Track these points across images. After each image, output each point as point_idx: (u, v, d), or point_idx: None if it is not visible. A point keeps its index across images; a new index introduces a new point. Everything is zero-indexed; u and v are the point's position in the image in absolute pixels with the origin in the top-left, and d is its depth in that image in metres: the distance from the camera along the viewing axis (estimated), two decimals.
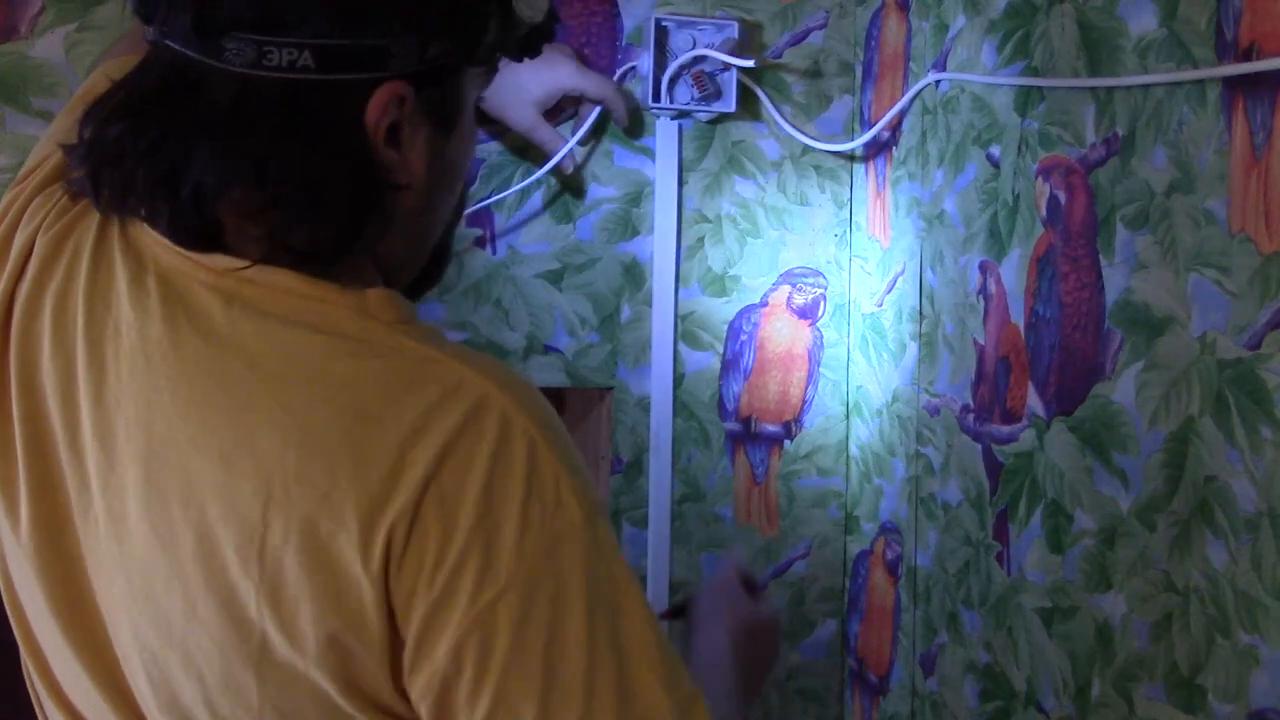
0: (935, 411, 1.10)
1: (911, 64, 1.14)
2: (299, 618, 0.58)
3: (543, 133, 1.17)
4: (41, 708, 0.72)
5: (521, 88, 1.14)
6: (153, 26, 0.61)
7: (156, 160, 0.60)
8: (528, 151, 1.21)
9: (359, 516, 0.57)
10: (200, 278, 0.62)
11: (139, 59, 0.66)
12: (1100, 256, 0.84)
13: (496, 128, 1.19)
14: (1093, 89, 0.84)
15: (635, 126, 1.23)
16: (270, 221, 0.61)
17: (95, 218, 0.66)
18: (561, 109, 1.19)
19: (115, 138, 0.62)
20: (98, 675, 0.65)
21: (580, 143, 1.20)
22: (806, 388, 1.29)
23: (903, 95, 1.14)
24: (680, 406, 1.26)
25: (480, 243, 1.20)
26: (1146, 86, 0.78)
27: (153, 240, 0.64)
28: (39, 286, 0.65)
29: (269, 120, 0.59)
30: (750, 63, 1.16)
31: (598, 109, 1.19)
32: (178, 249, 0.63)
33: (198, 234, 0.62)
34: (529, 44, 0.68)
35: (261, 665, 0.59)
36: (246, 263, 0.62)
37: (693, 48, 1.21)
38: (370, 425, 0.58)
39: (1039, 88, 0.91)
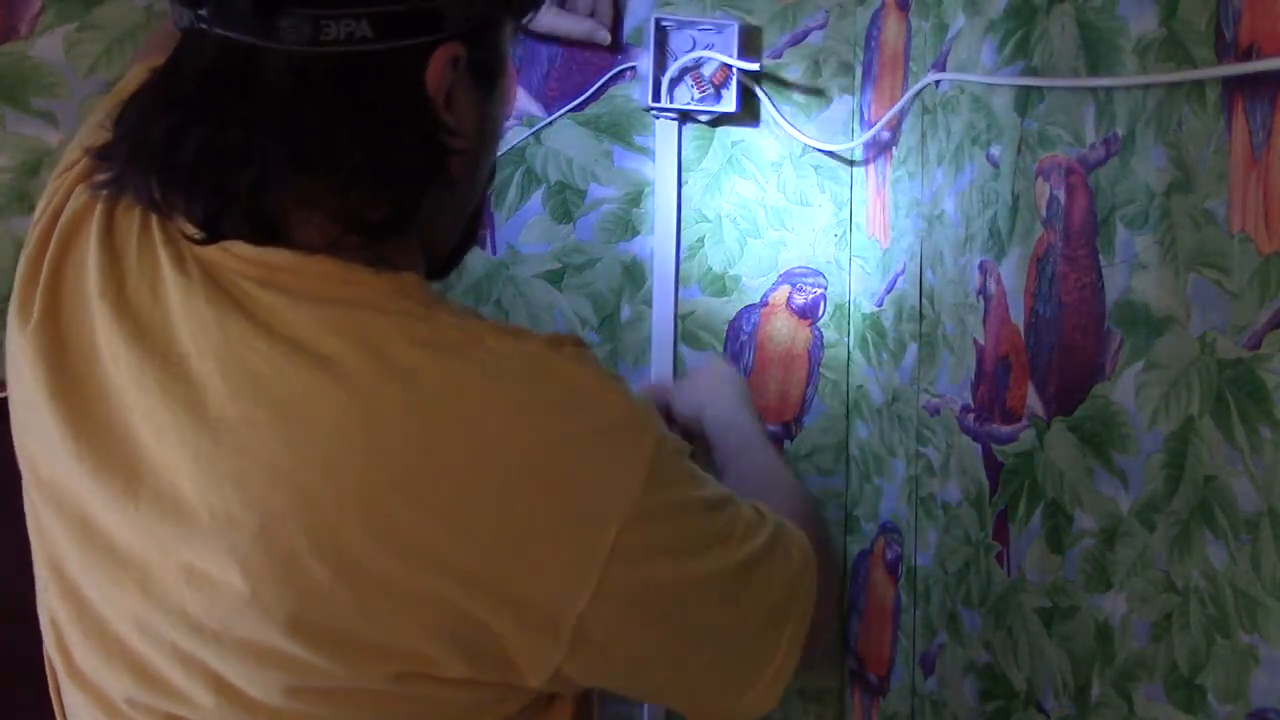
0: (935, 411, 1.10)
1: (911, 64, 1.14)
2: (386, 606, 0.58)
3: (563, 25, 1.17)
4: (61, 700, 0.72)
5: None
6: (191, 12, 0.59)
7: (213, 158, 0.59)
8: (526, 151, 1.21)
9: (443, 507, 0.57)
10: (231, 266, 0.62)
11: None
12: (1100, 256, 0.84)
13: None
14: (1093, 89, 0.84)
15: (628, 126, 1.23)
16: (337, 201, 0.60)
17: (138, 211, 0.65)
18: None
19: (162, 139, 0.60)
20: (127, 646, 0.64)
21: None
22: (806, 387, 1.30)
23: (902, 95, 1.14)
24: None
25: (480, 242, 1.20)
26: (1146, 86, 0.78)
27: (188, 228, 0.63)
28: (100, 272, 0.64)
29: (331, 97, 0.58)
30: (756, 66, 1.16)
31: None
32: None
33: (251, 228, 0.61)
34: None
35: (337, 651, 0.59)
36: (272, 251, 0.61)
37: (693, 48, 1.21)
38: (437, 404, 0.58)
39: (1039, 88, 0.91)
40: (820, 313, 1.29)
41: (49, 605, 0.68)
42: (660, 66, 1.21)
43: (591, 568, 0.58)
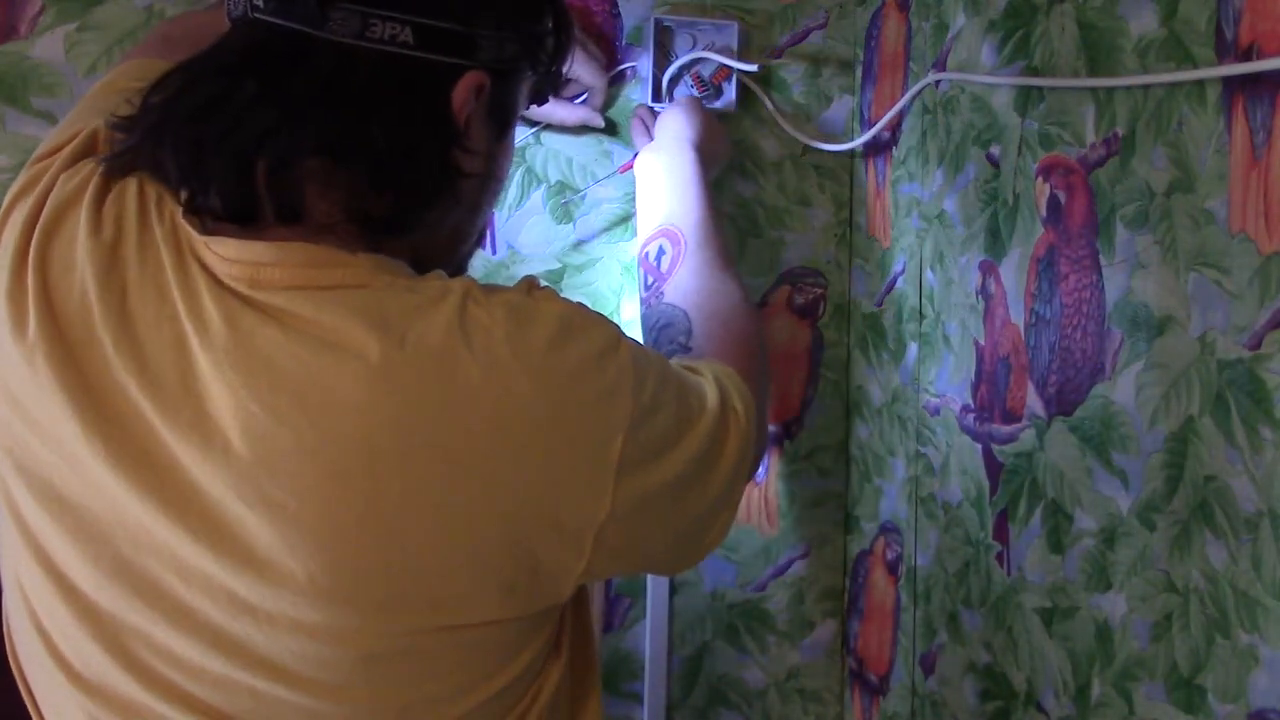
0: (935, 411, 1.10)
1: (911, 64, 1.14)
2: (430, 562, 0.61)
3: (558, 114, 1.18)
4: (34, 698, 0.71)
5: None
6: (247, 1, 0.64)
7: (241, 132, 0.62)
8: (526, 151, 1.21)
9: (472, 456, 0.61)
10: (223, 270, 0.63)
11: (166, 61, 0.69)
12: (1100, 256, 0.84)
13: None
14: (1093, 89, 0.84)
15: (629, 127, 1.23)
16: (349, 191, 0.64)
17: (134, 202, 0.66)
18: (568, 85, 1.19)
19: (194, 109, 0.64)
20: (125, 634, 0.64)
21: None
22: (806, 388, 1.29)
23: (903, 95, 1.14)
24: None
25: (480, 242, 1.20)
26: (1146, 86, 0.78)
27: (185, 225, 0.65)
28: (89, 259, 0.65)
29: (368, 89, 0.63)
30: (754, 68, 1.17)
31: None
32: (198, 236, 0.64)
33: (273, 207, 0.64)
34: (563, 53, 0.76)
35: (385, 614, 0.62)
36: (255, 245, 0.63)
37: (693, 48, 1.21)
38: (448, 359, 0.61)
39: (1039, 88, 0.91)
40: (820, 313, 1.29)
41: (35, 611, 0.67)
42: (660, 66, 1.21)
43: (606, 482, 0.64)
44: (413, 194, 0.65)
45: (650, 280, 0.96)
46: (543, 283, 0.70)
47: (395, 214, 0.65)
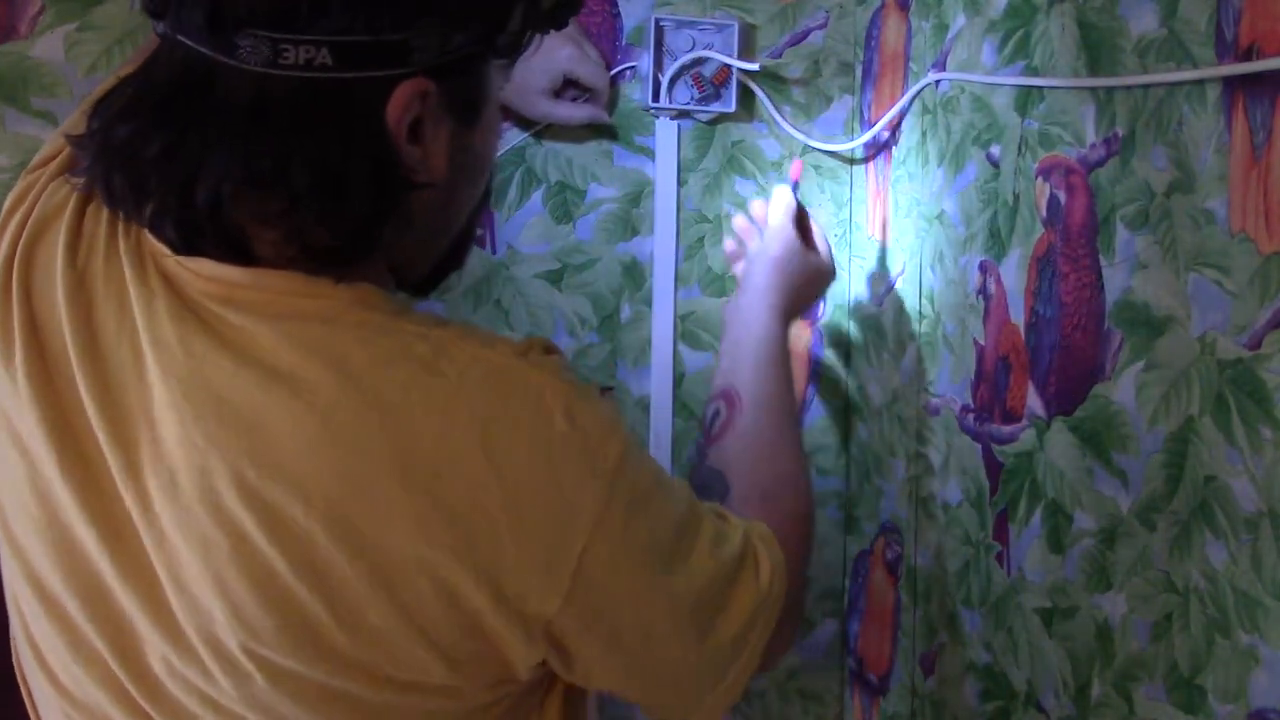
0: (935, 411, 1.10)
1: (911, 64, 1.14)
2: (362, 616, 0.58)
3: (560, 112, 1.17)
4: (33, 700, 0.71)
5: (526, 82, 1.14)
6: (162, 21, 0.59)
7: (171, 165, 0.58)
8: (526, 151, 1.21)
9: (412, 516, 0.58)
10: (192, 283, 0.62)
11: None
12: (1100, 256, 0.84)
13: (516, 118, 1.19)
14: (1093, 89, 0.84)
15: (628, 127, 1.23)
16: (288, 224, 0.60)
17: (105, 215, 0.65)
18: (569, 87, 1.19)
19: (126, 139, 0.60)
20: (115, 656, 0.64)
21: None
22: (806, 387, 1.29)
23: (903, 95, 1.14)
24: (680, 406, 1.26)
25: (480, 242, 1.20)
26: (1146, 86, 0.78)
27: (151, 239, 0.63)
28: (65, 265, 0.64)
29: (286, 120, 0.57)
30: (755, 65, 1.16)
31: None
32: (170, 254, 0.62)
33: (213, 241, 0.61)
34: (557, 18, 0.66)
35: (320, 661, 0.60)
36: (232, 269, 0.61)
37: (693, 48, 1.21)
38: (400, 417, 0.58)
39: (1039, 88, 0.91)
40: (820, 313, 1.29)
41: (26, 622, 0.68)
42: (660, 66, 1.21)
43: (561, 575, 0.60)
44: (350, 222, 0.60)
45: (700, 444, 0.88)
46: (554, 352, 0.65)
47: (339, 245, 0.61)
